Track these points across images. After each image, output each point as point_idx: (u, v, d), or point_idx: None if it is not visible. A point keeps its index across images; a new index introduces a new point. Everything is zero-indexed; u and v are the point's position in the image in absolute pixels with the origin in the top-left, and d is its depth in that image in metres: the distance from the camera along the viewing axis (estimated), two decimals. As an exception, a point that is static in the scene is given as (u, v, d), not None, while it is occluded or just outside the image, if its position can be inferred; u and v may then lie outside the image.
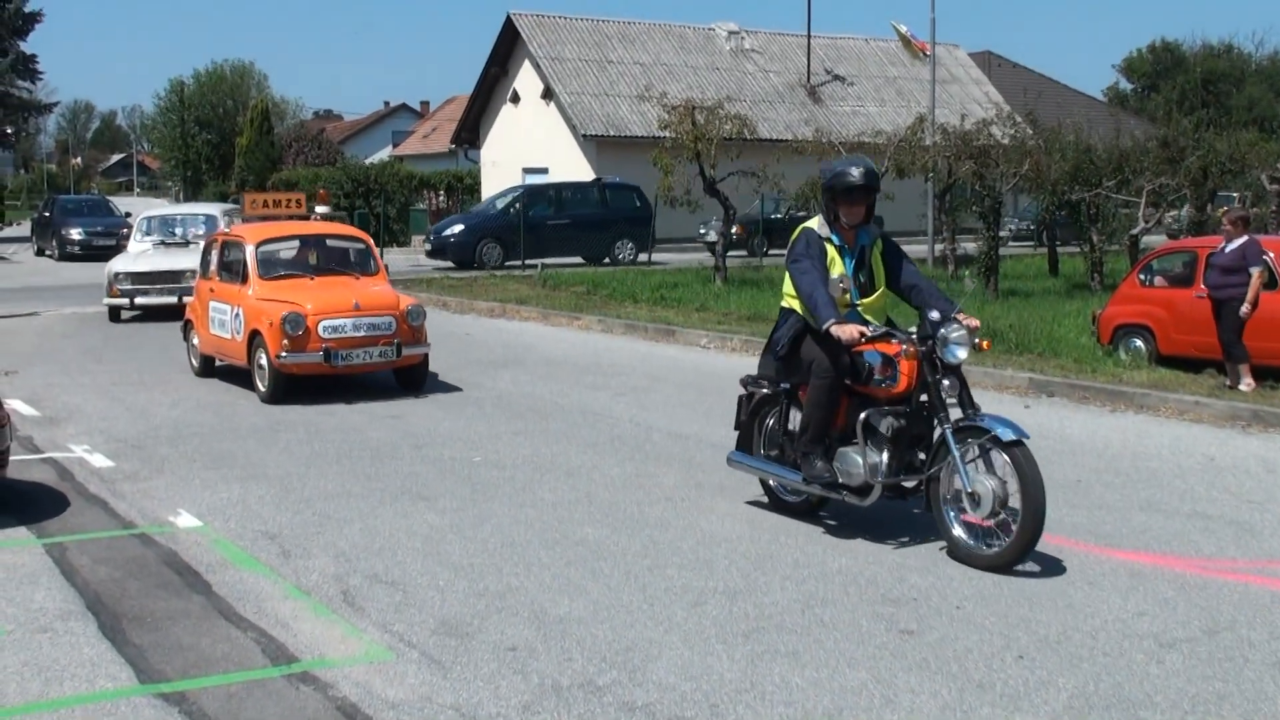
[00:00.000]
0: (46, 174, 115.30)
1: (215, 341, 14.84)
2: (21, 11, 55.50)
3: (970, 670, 6.13)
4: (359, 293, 13.90)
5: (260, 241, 14.62)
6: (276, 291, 13.88)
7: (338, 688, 5.95)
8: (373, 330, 13.52)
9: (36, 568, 7.89)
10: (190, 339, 15.81)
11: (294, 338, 13.18)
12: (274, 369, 13.36)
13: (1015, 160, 24.46)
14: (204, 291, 15.36)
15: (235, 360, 14.32)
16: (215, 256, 15.29)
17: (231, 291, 14.44)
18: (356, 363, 13.49)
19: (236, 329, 14.06)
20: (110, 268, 21.79)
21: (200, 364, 15.51)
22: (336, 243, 15.55)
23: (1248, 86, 79.23)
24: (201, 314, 15.22)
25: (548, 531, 8.59)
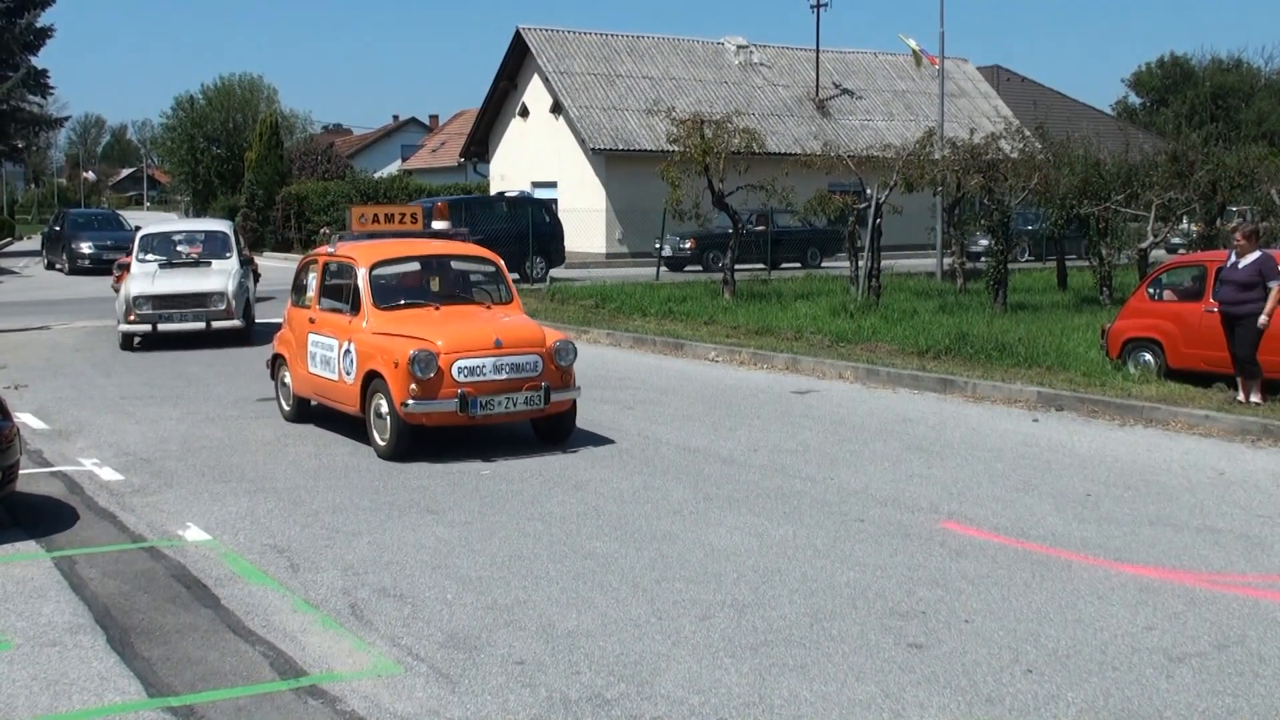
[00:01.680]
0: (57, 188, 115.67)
1: (316, 383, 12.69)
2: (33, 27, 55.69)
3: (979, 684, 6.12)
4: (498, 326, 11.71)
5: (375, 264, 12.34)
6: (397, 324, 11.73)
7: (346, 701, 5.95)
8: (516, 372, 11.33)
9: (45, 581, 7.90)
10: (280, 377, 13.63)
11: (423, 381, 10.98)
12: (398, 419, 11.11)
13: (1024, 174, 24.44)
14: (299, 321, 13.17)
15: (342, 406, 12.19)
16: (314, 280, 13.10)
17: (339, 323, 12.28)
18: (497, 411, 11.23)
19: (347, 369, 11.93)
20: (127, 290, 19.84)
21: (293, 407, 13.36)
22: (463, 265, 13.30)
23: (1257, 101, 79.19)
24: (297, 348, 13.09)
25: (556, 545, 8.59)
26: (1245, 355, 13.37)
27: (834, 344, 18.39)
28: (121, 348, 19.76)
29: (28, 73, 55.51)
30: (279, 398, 13.65)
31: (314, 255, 13.47)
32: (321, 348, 12.52)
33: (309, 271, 13.35)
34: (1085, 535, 8.81)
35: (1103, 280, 24.37)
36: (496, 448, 11.84)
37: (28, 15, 55.23)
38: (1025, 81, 64.08)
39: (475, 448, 11.85)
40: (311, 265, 13.35)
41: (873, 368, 16.29)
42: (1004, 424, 13.16)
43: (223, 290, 20.06)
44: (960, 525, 9.05)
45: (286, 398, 13.50)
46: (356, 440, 12.25)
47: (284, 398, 13.56)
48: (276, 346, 13.75)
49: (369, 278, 12.18)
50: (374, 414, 11.50)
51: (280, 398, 13.63)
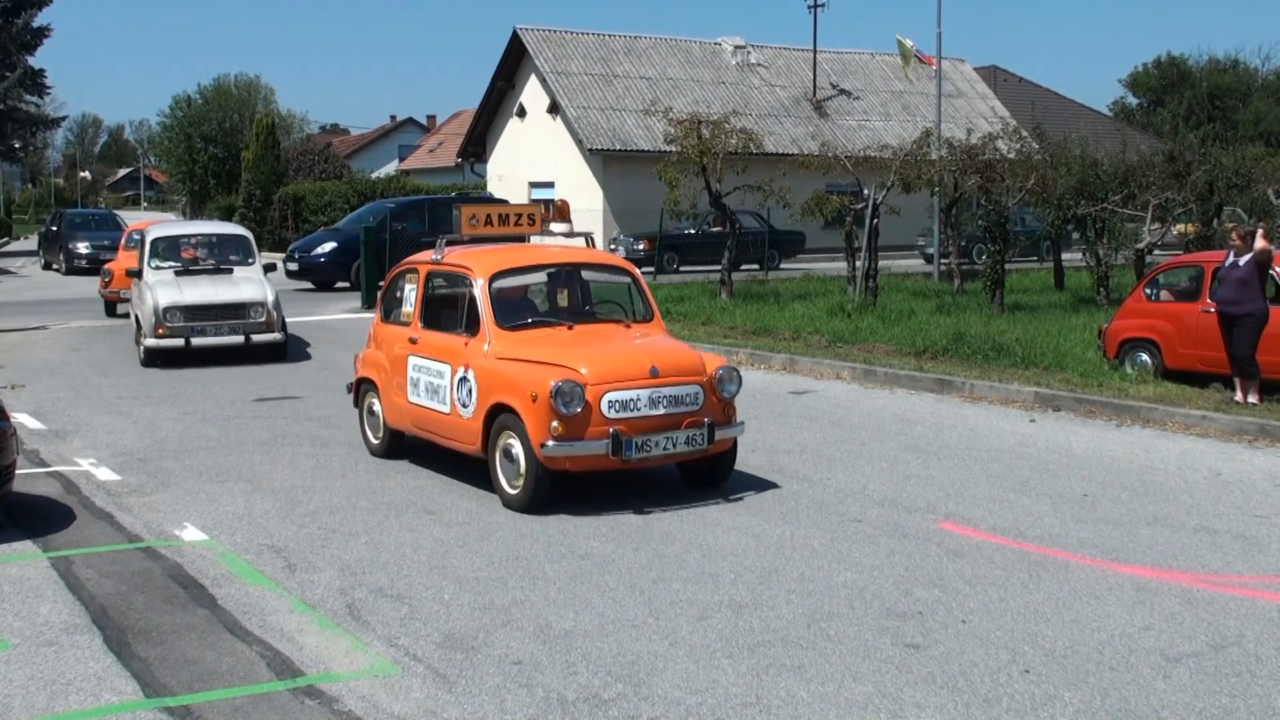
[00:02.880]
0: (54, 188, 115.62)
1: (417, 414, 10.83)
2: (30, 27, 55.66)
3: (976, 684, 6.12)
4: (651, 350, 9.85)
5: (496, 274, 10.39)
6: (526, 347, 9.86)
7: (343, 701, 5.95)
8: (674, 406, 9.49)
9: (42, 581, 7.90)
10: (368, 406, 11.80)
11: (568, 418, 9.17)
12: (535, 463, 9.29)
13: (1021, 174, 24.46)
14: (394, 341, 11.32)
15: (454, 443, 10.38)
16: (414, 293, 11.23)
17: (449, 345, 10.42)
18: (655, 454, 9.41)
19: (463, 400, 10.10)
20: (154, 301, 17.54)
21: (384, 441, 11.54)
22: (596, 275, 11.43)
23: (1254, 101, 79.23)
24: (391, 373, 11.27)
25: (553, 545, 8.59)
26: (1244, 355, 13.38)
27: (831, 344, 18.39)
28: (144, 365, 17.68)
29: (25, 72, 55.48)
30: (365, 429, 11.84)
31: (413, 263, 11.58)
32: (426, 373, 10.63)
33: (405, 282, 11.46)
34: (1082, 535, 8.81)
35: (1100, 281, 24.39)
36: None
37: (25, 15, 55.21)
38: (1022, 82, 64.10)
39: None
40: (409, 275, 11.44)
41: (870, 368, 16.29)
42: (1001, 424, 13.16)
43: (262, 300, 18.04)
44: (957, 526, 9.05)
45: (375, 429, 11.66)
46: (353, 441, 12.25)
47: (372, 429, 11.73)
48: (361, 369, 11.87)
49: (489, 290, 10.22)
50: (501, 455, 9.66)
51: (367, 429, 11.82)
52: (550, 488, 9.44)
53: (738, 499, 9.76)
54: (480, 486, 10.33)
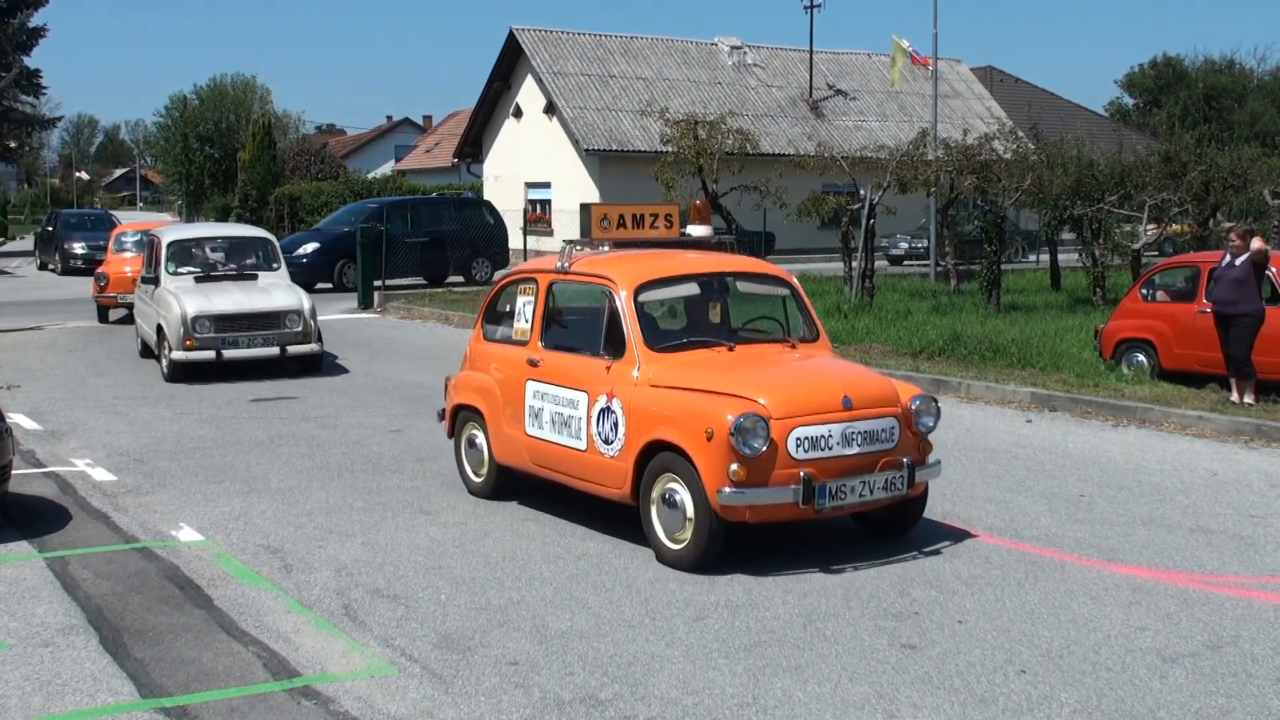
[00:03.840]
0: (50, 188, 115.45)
1: (541, 450, 9.22)
2: (25, 26, 55.63)
3: (973, 685, 6.12)
4: (840, 376, 8.51)
5: (641, 285, 8.86)
6: (685, 373, 8.39)
7: (339, 702, 5.94)
8: (869, 443, 8.09)
9: (38, 582, 7.89)
10: (468, 438, 10.21)
11: (751, 460, 7.71)
12: (708, 513, 7.80)
13: (1017, 175, 24.48)
14: (507, 364, 9.72)
15: (592, 485, 8.80)
16: (532, 307, 9.62)
17: (585, 369, 8.85)
18: (850, 501, 8.00)
19: (605, 435, 8.54)
20: (182, 310, 16.03)
21: (489, 478, 9.96)
22: (753, 286, 9.76)
23: (1250, 102, 79.37)
24: (501, 400, 9.65)
25: (549, 546, 8.59)
26: (1240, 356, 13.39)
27: (828, 344, 18.37)
28: (169, 380, 16.16)
29: (20, 72, 55.44)
30: (463, 464, 10.27)
31: (528, 271, 10.06)
32: (553, 402, 9.07)
33: (518, 295, 9.86)
34: (1078, 536, 8.82)
35: (1096, 281, 24.40)
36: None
37: (20, 15, 55.19)
38: (1019, 82, 64.12)
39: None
40: (524, 286, 9.83)
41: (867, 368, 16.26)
42: (998, 424, 13.17)
43: (297, 308, 16.59)
44: (955, 525, 9.05)
45: (478, 465, 10.08)
46: (350, 442, 12.24)
47: (472, 465, 10.15)
48: (458, 395, 10.29)
49: (635, 304, 8.73)
50: (659, 503, 8.16)
51: (465, 465, 10.23)
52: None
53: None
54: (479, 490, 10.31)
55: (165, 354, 16.38)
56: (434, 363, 17.91)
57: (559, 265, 9.51)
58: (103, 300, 23.94)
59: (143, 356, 18.18)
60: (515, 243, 34.23)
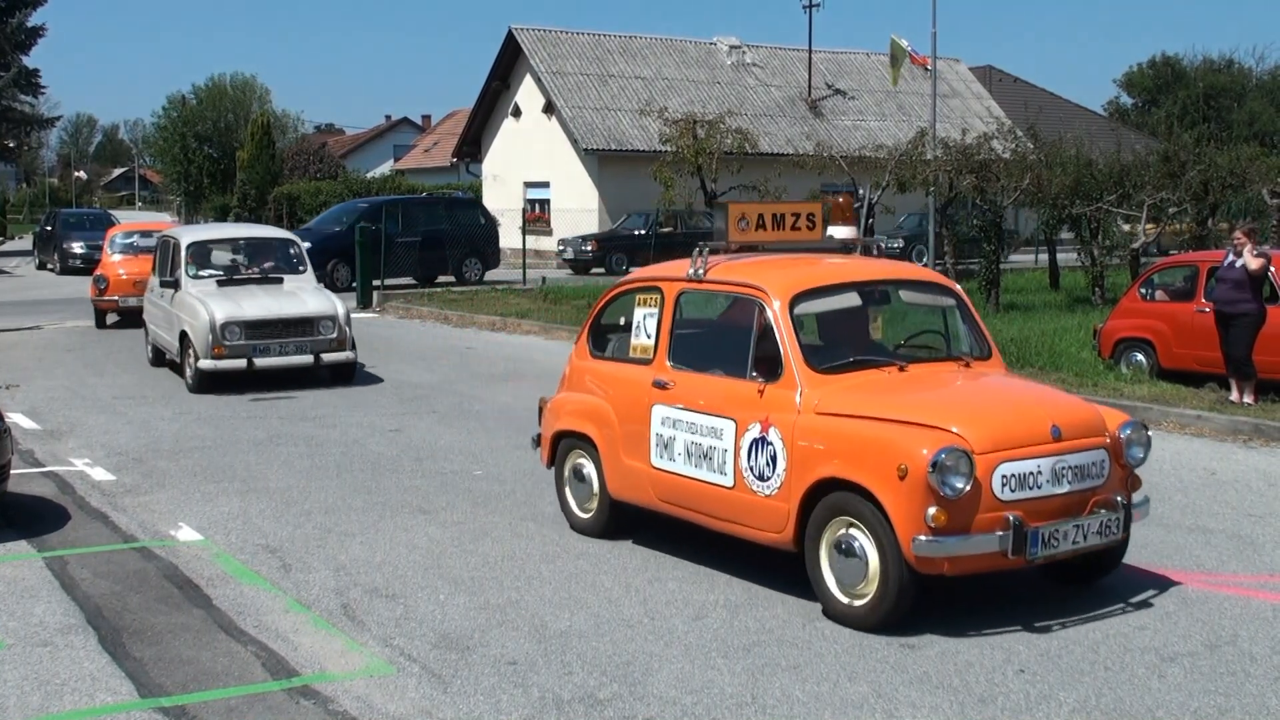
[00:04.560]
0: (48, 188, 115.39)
1: (671, 484, 8.11)
2: (24, 26, 55.64)
3: (971, 684, 6.13)
4: (1043, 402, 7.51)
5: (797, 295, 7.74)
6: (860, 398, 7.28)
7: (338, 702, 5.94)
8: (1080, 480, 7.01)
9: (37, 581, 7.89)
10: (573, 468, 9.03)
11: (953, 502, 6.64)
12: (901, 565, 6.73)
13: (1016, 174, 24.49)
14: (619, 383, 8.61)
15: (742, 528, 7.66)
16: (654, 320, 8.42)
17: (731, 393, 7.73)
18: (1063, 548, 6.91)
19: (760, 471, 7.43)
20: (210, 316, 15.07)
21: (600, 515, 8.81)
22: (917, 295, 8.56)
23: (1249, 101, 79.42)
24: (622, 427, 8.49)
25: (548, 545, 8.59)
26: (1241, 356, 13.39)
27: (826, 344, 18.36)
28: (194, 391, 15.25)
29: (19, 72, 55.45)
30: (566, 498, 9.09)
31: (650, 279, 8.82)
32: (689, 431, 7.92)
33: (637, 306, 8.64)
34: (1077, 535, 8.80)
35: (1095, 280, 24.41)
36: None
37: (19, 14, 55.19)
38: (1017, 82, 64.13)
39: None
40: (645, 296, 8.59)
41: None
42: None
43: (331, 313, 15.70)
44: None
45: (585, 499, 8.91)
46: (349, 442, 12.24)
47: (578, 499, 8.99)
48: (562, 420, 9.07)
49: (792, 318, 7.61)
50: (833, 552, 7.07)
51: (571, 499, 9.05)
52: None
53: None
54: (475, 488, 10.32)
55: (190, 362, 15.38)
56: (433, 362, 17.93)
57: (691, 272, 8.28)
58: (102, 304, 23.12)
59: (154, 365, 17.49)
60: (514, 242, 34.22)
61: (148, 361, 17.69)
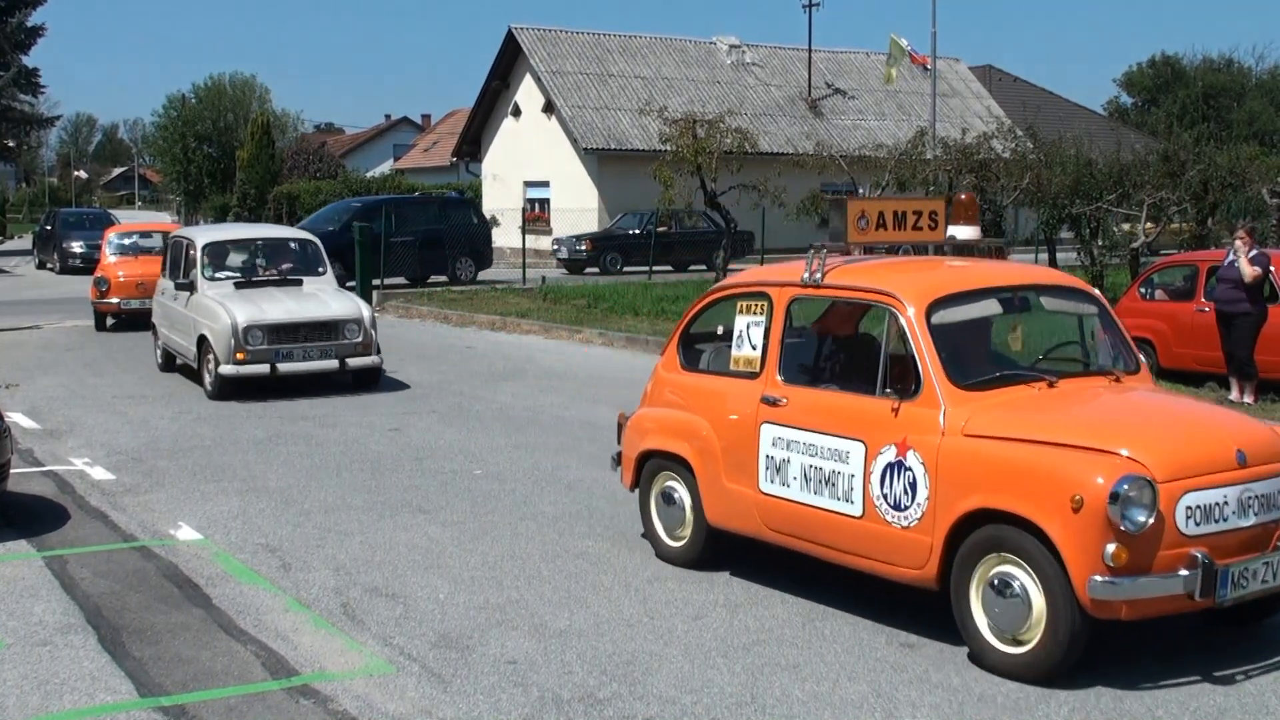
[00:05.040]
0: (48, 187, 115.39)
1: (784, 512, 7.34)
2: (24, 26, 55.64)
3: (971, 684, 6.13)
4: (1218, 422, 6.86)
5: (935, 302, 6.96)
6: (1015, 418, 6.52)
7: (338, 701, 5.94)
8: (1266, 511, 6.28)
9: (36, 581, 7.89)
10: (662, 491, 8.23)
11: (1135, 537, 5.92)
12: (1073, 609, 6.00)
13: (1016, 174, 24.50)
14: (718, 398, 7.85)
15: (873, 563, 6.89)
16: (760, 329, 7.62)
17: (857, 412, 6.98)
18: (1252, 588, 6.19)
19: (896, 500, 6.64)
20: (231, 319, 14.50)
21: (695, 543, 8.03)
22: (1059, 302, 7.84)
23: (1248, 101, 79.39)
24: (721, 447, 7.71)
25: (548, 545, 8.59)
26: (1242, 355, 13.40)
27: (826, 343, 18.36)
28: (215, 398, 14.64)
29: (19, 71, 55.45)
30: (654, 524, 8.31)
31: (752, 283, 8.01)
32: (807, 453, 7.15)
33: (738, 312, 7.83)
34: (1077, 534, 8.79)
35: (1094, 280, 24.39)
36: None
37: (19, 14, 55.19)
38: (1017, 81, 64.16)
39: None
40: (748, 302, 7.80)
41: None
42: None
43: (356, 317, 15.16)
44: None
45: (676, 526, 8.12)
46: (349, 441, 12.24)
47: (667, 525, 8.21)
48: (648, 438, 8.31)
49: (930, 330, 6.82)
50: (984, 590, 6.32)
51: (658, 525, 8.28)
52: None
53: None
54: (475, 487, 10.32)
55: (210, 368, 14.76)
56: (433, 362, 17.94)
57: (807, 277, 7.47)
58: (104, 307, 22.47)
59: (163, 370, 17.03)
60: (514, 242, 34.21)
61: (157, 366, 17.26)
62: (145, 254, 23.47)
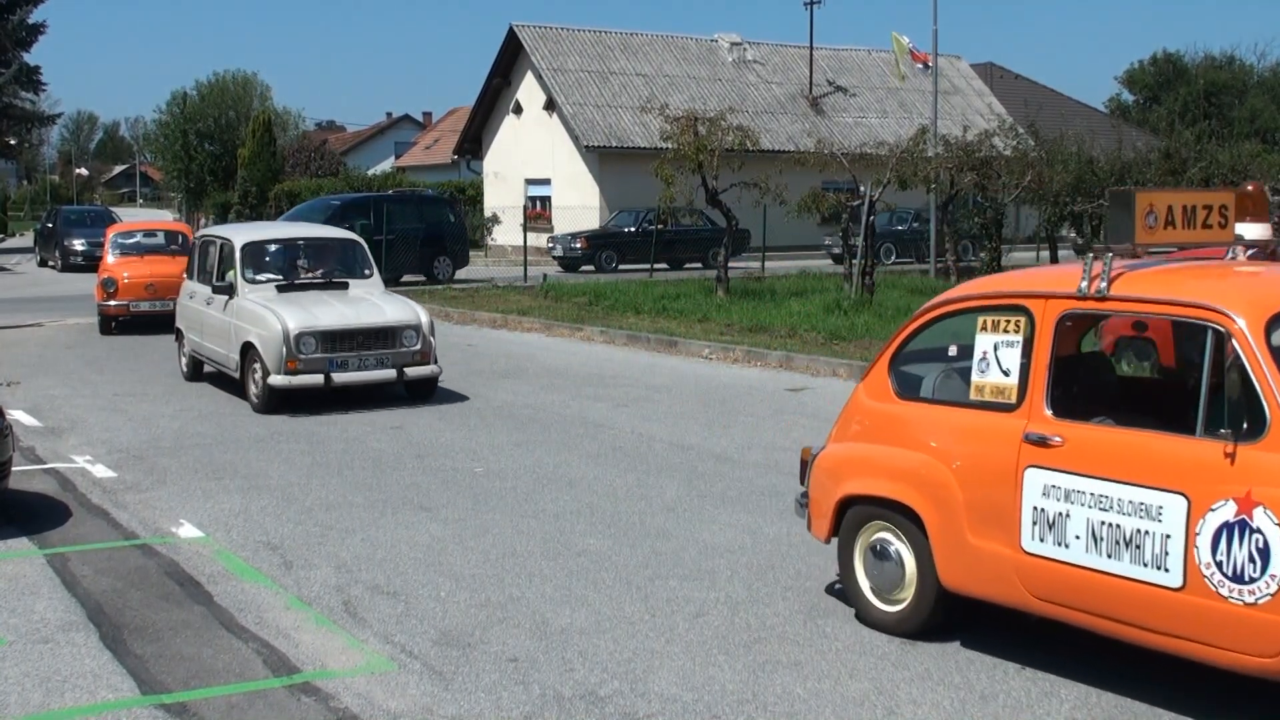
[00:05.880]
0: (50, 185, 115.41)
1: (1059, 576, 6.02)
2: (25, 23, 55.65)
3: (973, 681, 6.12)
4: None
5: (1275, 317, 5.62)
6: None
7: (339, 699, 5.94)
8: None
9: (38, 578, 7.89)
10: (869, 540, 6.91)
11: None
12: None
13: (1017, 171, 24.49)
14: (953, 434, 6.54)
15: (1197, 648, 5.58)
16: (1015, 350, 6.33)
17: (1171, 455, 5.66)
18: None
19: (1233, 569, 5.37)
20: (282, 325, 13.44)
21: (916, 606, 6.68)
22: None
23: (1250, 98, 79.32)
24: (963, 494, 6.36)
25: (549, 542, 8.59)
26: None
27: (828, 341, 18.39)
28: (262, 411, 13.65)
29: (20, 69, 55.47)
30: (858, 584, 6.97)
31: (1009, 295, 6.51)
32: (1096, 506, 5.82)
33: (981, 329, 6.50)
34: (1078, 532, 8.79)
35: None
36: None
37: (20, 11, 55.21)
38: (1019, 79, 64.11)
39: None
40: (1002, 319, 6.42)
41: (866, 365, 16.24)
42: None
43: (414, 323, 14.13)
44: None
45: (890, 587, 6.79)
46: (350, 439, 12.24)
47: (879, 586, 6.86)
48: (853, 480, 6.98)
49: (1273, 351, 5.53)
50: None
51: (864, 584, 6.94)
52: None
53: (733, 495, 9.19)
54: (476, 485, 10.32)
55: (256, 379, 13.77)
56: (434, 359, 17.92)
57: (1085, 287, 6.08)
58: (111, 310, 21.44)
59: (189, 379, 16.07)
60: (515, 239, 34.16)
61: (182, 375, 16.29)
62: (150, 253, 22.81)
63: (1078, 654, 6.45)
